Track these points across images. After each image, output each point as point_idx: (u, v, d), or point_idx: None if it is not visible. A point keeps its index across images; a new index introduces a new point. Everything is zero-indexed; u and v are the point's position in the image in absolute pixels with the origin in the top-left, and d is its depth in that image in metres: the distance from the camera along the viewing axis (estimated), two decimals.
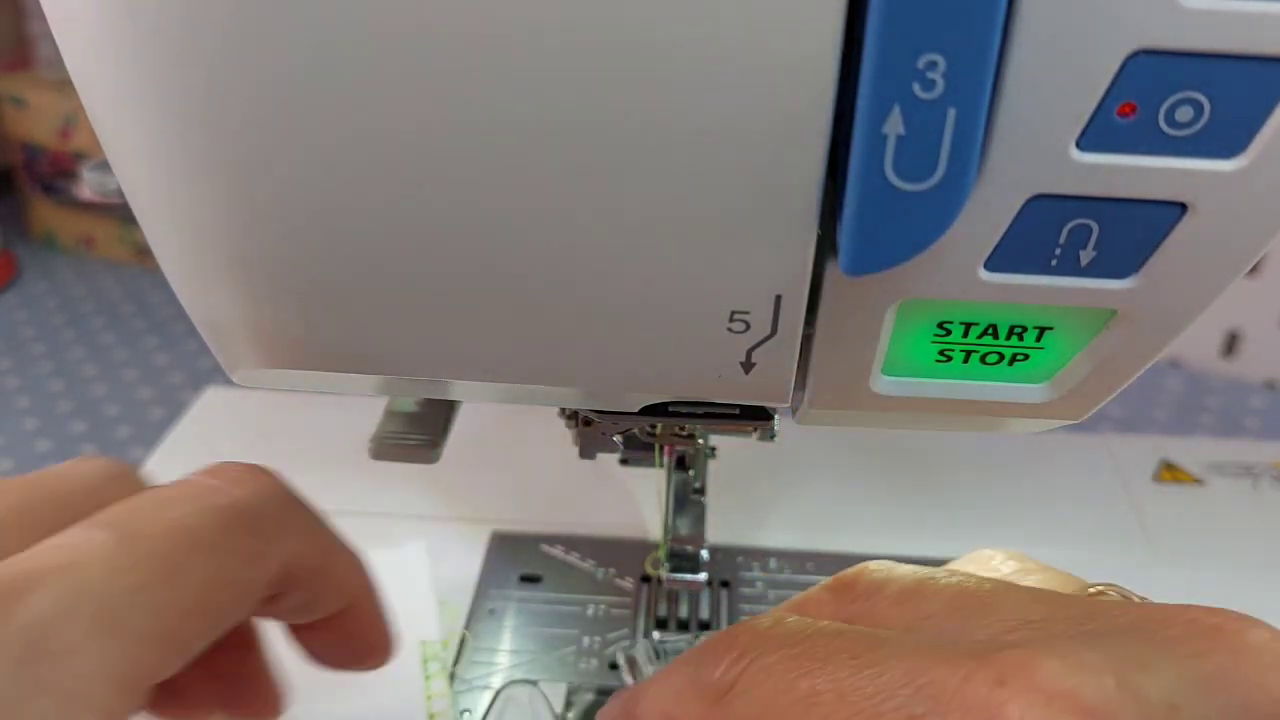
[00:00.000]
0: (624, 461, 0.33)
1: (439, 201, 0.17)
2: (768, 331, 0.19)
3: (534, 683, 0.34)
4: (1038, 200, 0.17)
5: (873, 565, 0.22)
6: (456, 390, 0.22)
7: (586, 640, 0.36)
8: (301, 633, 0.23)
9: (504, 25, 0.15)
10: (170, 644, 0.18)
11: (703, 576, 0.35)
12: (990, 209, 0.17)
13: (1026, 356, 0.20)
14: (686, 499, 0.34)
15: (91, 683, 0.16)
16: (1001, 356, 0.20)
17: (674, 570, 0.35)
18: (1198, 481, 0.46)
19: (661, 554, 0.35)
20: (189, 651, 0.18)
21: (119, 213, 0.77)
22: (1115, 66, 0.15)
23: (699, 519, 0.34)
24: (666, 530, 0.35)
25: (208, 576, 0.18)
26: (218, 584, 0.19)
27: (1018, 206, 0.17)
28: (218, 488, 0.20)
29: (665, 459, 0.33)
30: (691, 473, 0.33)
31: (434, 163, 0.17)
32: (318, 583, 0.21)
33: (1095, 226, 0.17)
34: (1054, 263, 0.18)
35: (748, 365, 0.20)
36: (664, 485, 0.34)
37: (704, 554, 0.35)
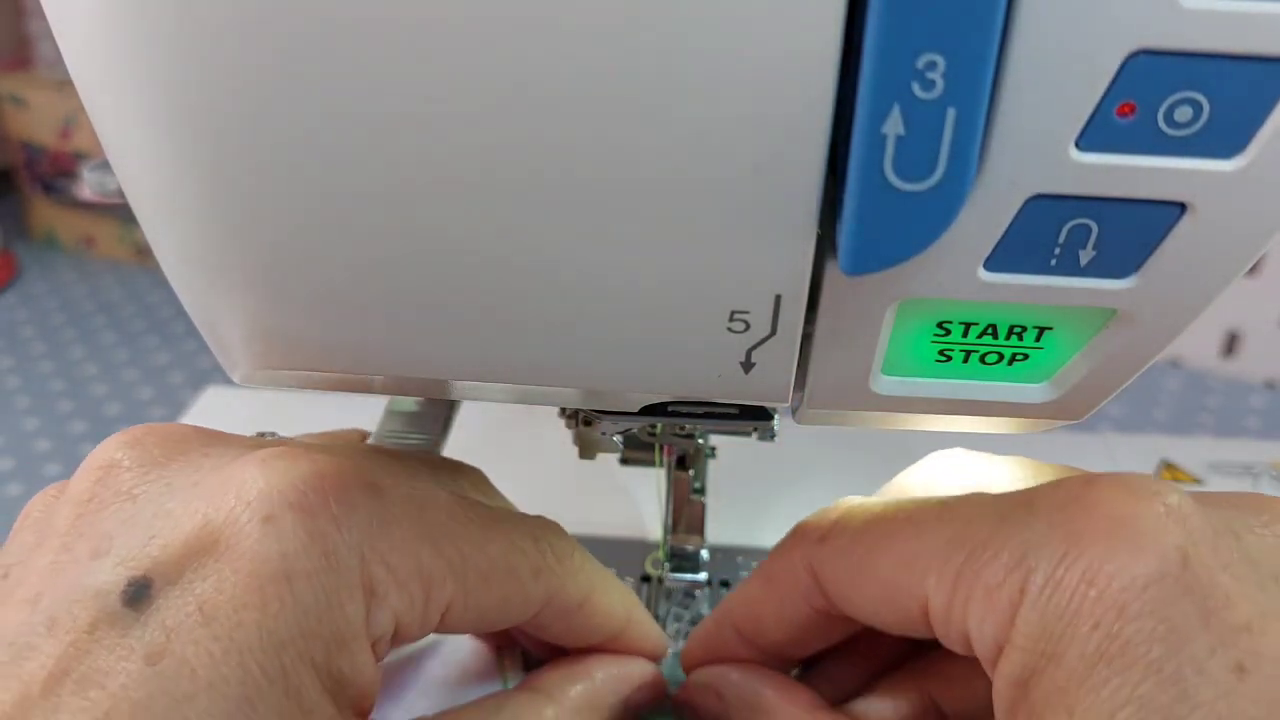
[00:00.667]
0: (624, 461, 0.33)
1: (439, 201, 0.17)
2: (767, 331, 0.19)
3: None
4: (1037, 200, 0.17)
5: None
6: (456, 390, 0.22)
7: None
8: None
9: (504, 26, 0.15)
10: (463, 587, 0.22)
11: (703, 576, 0.35)
12: (990, 209, 0.17)
13: (1026, 356, 0.20)
14: (686, 499, 0.34)
15: (409, 576, 0.21)
16: (1001, 356, 0.20)
17: (674, 570, 0.35)
18: (1198, 481, 0.46)
19: (661, 554, 0.35)
20: (471, 609, 0.22)
21: (119, 213, 0.77)
22: (1115, 66, 0.15)
23: (699, 519, 0.34)
24: (666, 530, 0.35)
25: (502, 558, 0.23)
26: (507, 568, 0.23)
27: (1017, 206, 0.17)
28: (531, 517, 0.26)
29: (665, 459, 0.33)
30: (691, 473, 0.33)
31: (434, 163, 0.17)
32: (577, 617, 0.26)
33: (1094, 226, 0.17)
34: (1053, 263, 0.18)
35: (747, 365, 0.20)
36: (664, 485, 0.34)
37: (704, 554, 0.35)
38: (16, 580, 0.20)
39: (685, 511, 0.34)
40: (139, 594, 0.18)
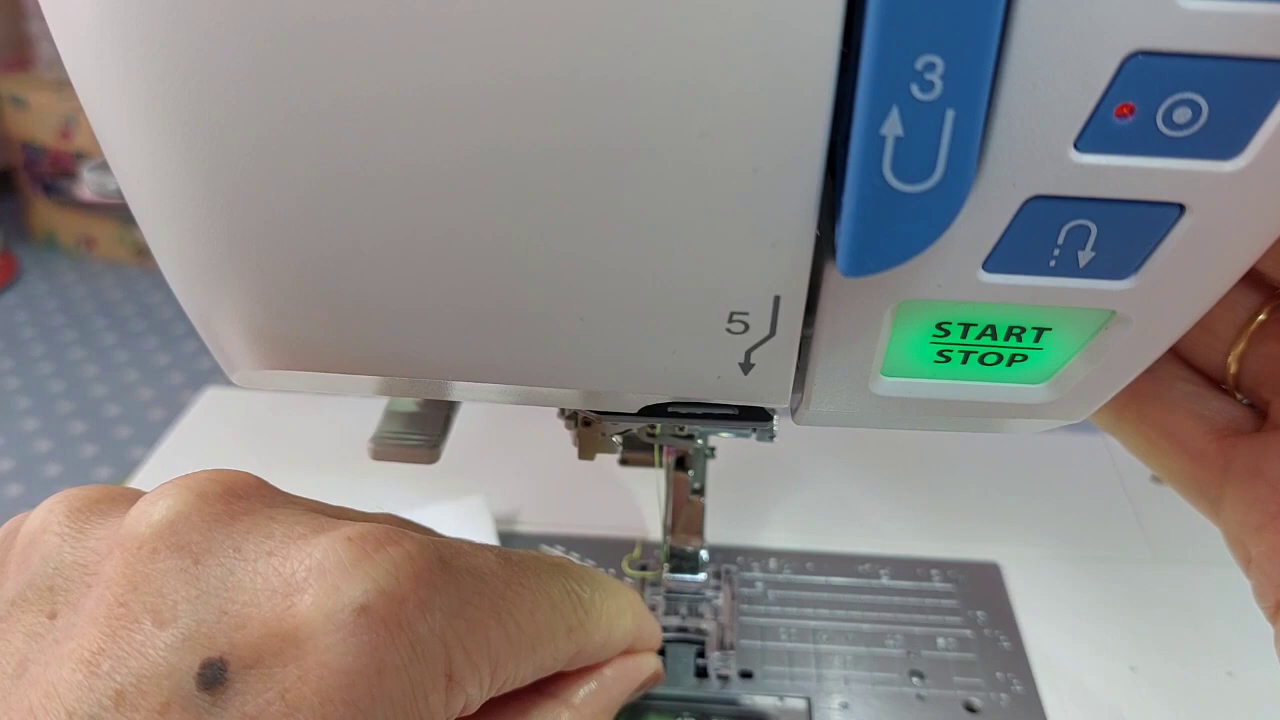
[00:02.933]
0: (624, 462, 0.33)
1: (437, 204, 0.17)
2: (767, 332, 0.19)
3: None
4: (1036, 201, 0.17)
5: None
6: (456, 390, 0.22)
7: None
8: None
9: (503, 28, 0.15)
10: (516, 659, 0.22)
11: (702, 576, 0.35)
12: (989, 210, 0.17)
13: (1025, 357, 0.20)
14: (686, 499, 0.34)
15: (481, 659, 0.21)
16: (1000, 357, 0.20)
17: (674, 570, 0.35)
18: None
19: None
20: (517, 679, 0.23)
21: (119, 213, 0.77)
22: (1113, 67, 0.15)
23: (698, 519, 0.34)
24: (666, 530, 0.35)
25: (545, 622, 0.23)
26: (549, 632, 0.23)
27: (1016, 207, 0.17)
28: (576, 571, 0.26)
29: (665, 459, 0.33)
30: (691, 473, 0.33)
31: (432, 164, 0.17)
32: (595, 654, 0.26)
33: (1093, 227, 0.17)
34: (1052, 263, 0.18)
35: (747, 366, 0.20)
36: (664, 485, 0.34)
37: (704, 554, 0.35)
38: (67, 627, 0.18)
39: (685, 512, 0.34)
40: (214, 677, 0.17)
